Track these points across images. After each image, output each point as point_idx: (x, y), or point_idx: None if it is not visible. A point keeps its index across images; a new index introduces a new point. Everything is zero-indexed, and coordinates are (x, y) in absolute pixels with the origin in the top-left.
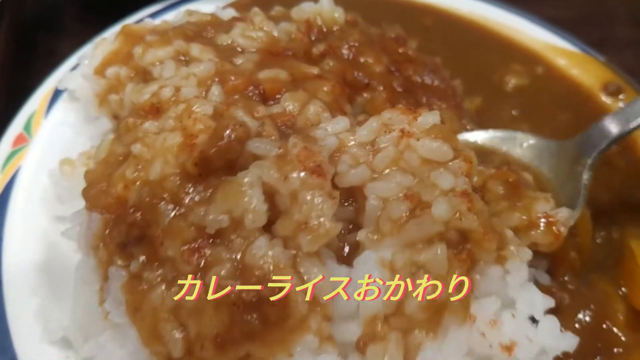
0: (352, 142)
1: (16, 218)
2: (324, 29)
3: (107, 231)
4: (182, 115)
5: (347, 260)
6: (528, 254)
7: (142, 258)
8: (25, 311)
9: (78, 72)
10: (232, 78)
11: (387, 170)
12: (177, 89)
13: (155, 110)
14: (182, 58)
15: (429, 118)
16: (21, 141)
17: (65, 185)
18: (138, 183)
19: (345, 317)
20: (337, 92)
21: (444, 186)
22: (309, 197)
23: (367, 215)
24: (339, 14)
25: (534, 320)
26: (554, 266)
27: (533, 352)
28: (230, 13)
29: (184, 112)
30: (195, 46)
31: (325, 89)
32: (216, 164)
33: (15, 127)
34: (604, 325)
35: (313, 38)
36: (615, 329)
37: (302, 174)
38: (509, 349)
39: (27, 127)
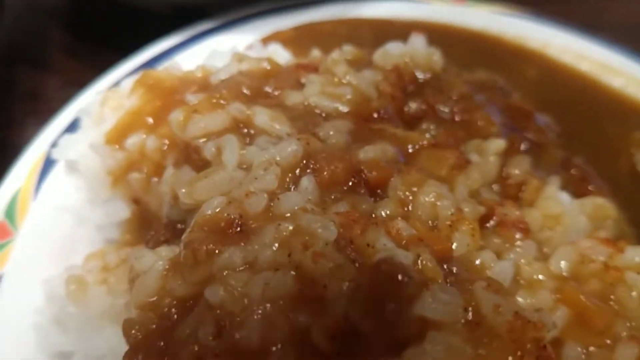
0: (542, 277)
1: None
2: (418, 79)
3: None
4: (289, 244)
5: None
6: None
7: None
8: None
9: (80, 137)
10: (327, 165)
11: None
12: (271, 196)
13: (236, 228)
14: (244, 130)
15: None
16: (2, 235)
17: (71, 311)
18: (222, 355)
19: None
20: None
21: None
22: None
23: None
24: (437, 57)
25: None
26: None
27: None
28: (278, 51)
29: (293, 238)
30: (262, 112)
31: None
32: (365, 339)
33: None
34: None
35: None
36: None
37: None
38: None
39: (10, 213)
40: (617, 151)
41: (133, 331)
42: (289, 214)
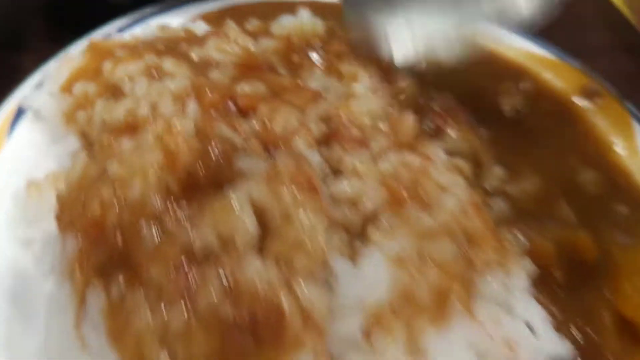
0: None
1: None
2: (305, 44)
3: (84, 255)
4: (161, 133)
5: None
6: (528, 264)
7: (125, 282)
8: None
9: (43, 90)
10: (209, 93)
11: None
12: (154, 106)
13: (132, 128)
14: (155, 74)
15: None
16: None
17: (31, 208)
18: (117, 203)
19: (348, 311)
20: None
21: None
22: (301, 216)
23: None
24: (319, 25)
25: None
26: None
27: (532, 352)
28: (203, 27)
29: (164, 129)
30: (168, 60)
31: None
32: (202, 183)
33: None
34: (594, 336)
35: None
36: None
37: (294, 191)
38: (510, 347)
39: None
40: (483, 97)
41: (61, 198)
42: (164, 116)
